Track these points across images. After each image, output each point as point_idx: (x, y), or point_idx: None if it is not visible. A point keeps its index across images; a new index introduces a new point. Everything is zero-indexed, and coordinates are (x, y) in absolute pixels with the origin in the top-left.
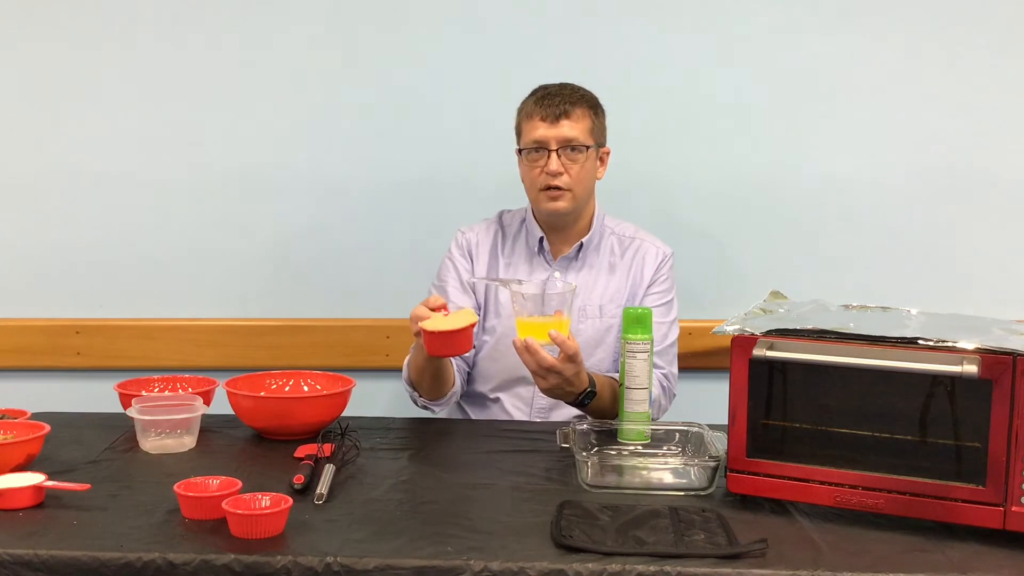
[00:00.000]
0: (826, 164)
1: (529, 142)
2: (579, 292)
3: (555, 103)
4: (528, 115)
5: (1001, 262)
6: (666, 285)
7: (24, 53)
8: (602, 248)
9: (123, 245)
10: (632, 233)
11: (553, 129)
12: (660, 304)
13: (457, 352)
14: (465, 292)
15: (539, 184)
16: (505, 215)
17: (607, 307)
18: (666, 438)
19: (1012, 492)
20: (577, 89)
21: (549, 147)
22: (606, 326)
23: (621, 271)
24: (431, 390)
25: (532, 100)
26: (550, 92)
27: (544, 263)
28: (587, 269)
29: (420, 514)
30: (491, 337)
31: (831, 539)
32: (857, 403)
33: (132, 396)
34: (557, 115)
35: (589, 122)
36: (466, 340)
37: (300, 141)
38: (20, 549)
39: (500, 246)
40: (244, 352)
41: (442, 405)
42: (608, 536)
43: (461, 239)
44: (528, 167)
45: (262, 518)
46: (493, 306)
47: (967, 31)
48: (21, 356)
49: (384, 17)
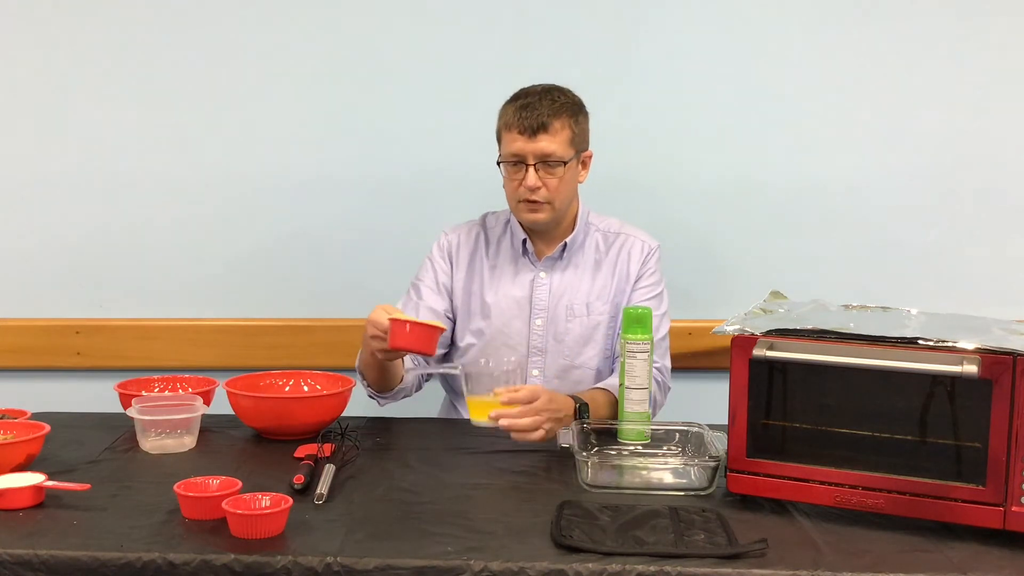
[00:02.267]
0: (826, 164)
1: (508, 155)
2: (565, 291)
3: (533, 116)
4: (507, 125)
5: (1001, 262)
6: (654, 278)
7: (24, 53)
8: (587, 246)
9: (123, 245)
10: (617, 228)
11: (531, 144)
12: (650, 298)
13: (419, 349)
14: (439, 294)
15: (518, 196)
16: (489, 217)
17: (594, 305)
18: (666, 438)
19: (1012, 492)
20: (557, 97)
21: (527, 161)
22: (594, 324)
23: (607, 267)
24: (377, 381)
25: (511, 109)
26: (529, 103)
27: (529, 264)
28: (572, 268)
29: (420, 514)
30: (479, 340)
31: (831, 539)
32: (857, 403)
33: (132, 396)
34: (535, 129)
35: (569, 132)
36: (430, 339)
37: (300, 141)
38: (20, 549)
39: (484, 250)
40: (244, 352)
41: (388, 400)
42: (608, 536)
43: (443, 241)
44: (507, 178)
45: (262, 518)
46: (479, 308)
47: (966, 31)
48: (21, 356)
49: (382, 17)
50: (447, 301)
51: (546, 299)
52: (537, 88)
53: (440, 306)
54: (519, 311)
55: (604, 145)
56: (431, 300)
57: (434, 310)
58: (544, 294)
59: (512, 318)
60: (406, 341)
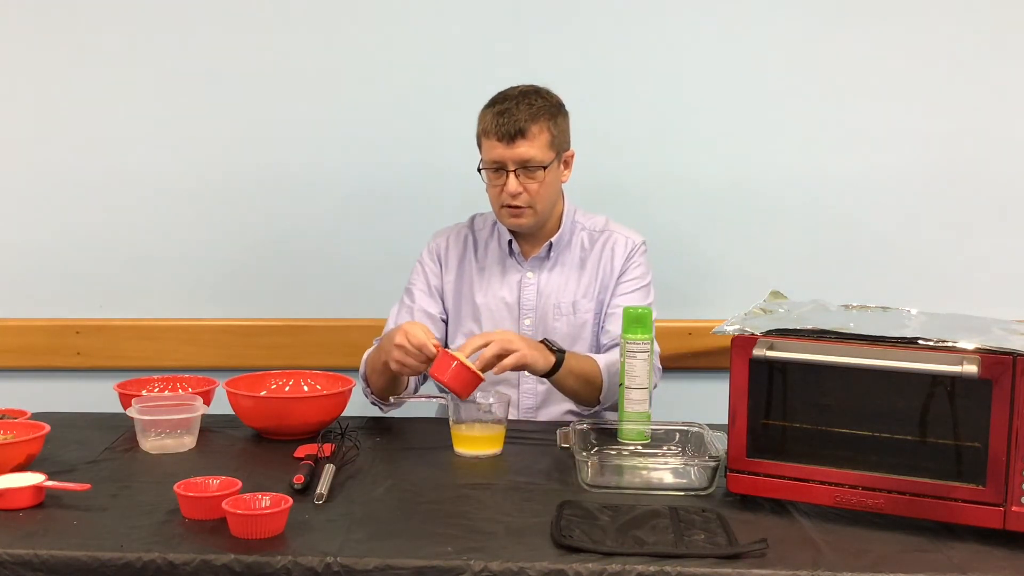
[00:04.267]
0: (825, 164)
1: (487, 162)
2: (552, 291)
3: (511, 122)
4: (485, 132)
5: (1001, 262)
6: (639, 272)
7: (23, 53)
8: (573, 244)
9: (123, 245)
10: (602, 226)
11: (510, 150)
12: (635, 290)
13: (455, 389)
14: (432, 297)
15: (500, 202)
16: (477, 219)
17: (580, 303)
18: (666, 438)
19: (1012, 492)
20: (534, 101)
21: (507, 168)
22: (580, 322)
23: (591, 265)
24: (382, 387)
25: (489, 115)
26: (507, 108)
27: (516, 265)
28: (559, 267)
29: (420, 514)
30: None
31: (831, 539)
32: (857, 403)
33: (132, 396)
34: (513, 135)
35: (548, 136)
36: (469, 384)
37: (301, 141)
38: (20, 549)
39: (473, 252)
40: (244, 352)
41: (390, 407)
42: (608, 536)
43: (433, 244)
44: (488, 184)
45: (262, 518)
46: (470, 311)
47: (965, 31)
48: (21, 356)
49: (382, 17)
50: (439, 304)
51: (534, 299)
52: (514, 92)
53: (434, 309)
54: (508, 312)
55: (602, 146)
56: (425, 303)
57: (428, 313)
58: (532, 294)
59: (502, 320)
60: (446, 376)
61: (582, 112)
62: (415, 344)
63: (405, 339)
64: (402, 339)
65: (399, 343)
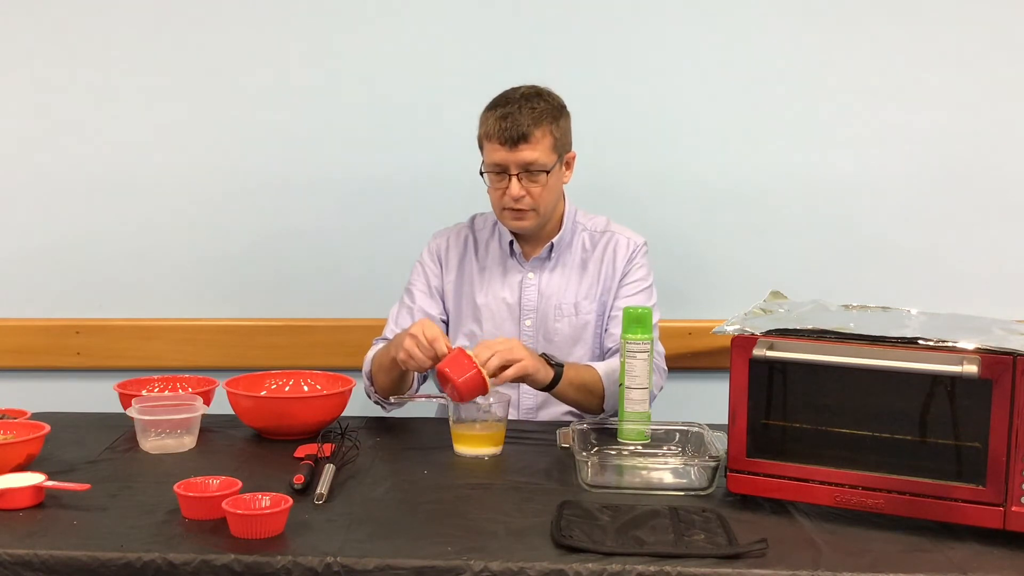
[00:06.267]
0: (825, 164)
1: (490, 165)
2: (554, 292)
3: (513, 126)
4: (487, 135)
5: (1001, 262)
6: (641, 273)
7: (23, 54)
8: (574, 245)
9: (123, 245)
10: (603, 227)
11: (512, 154)
12: (638, 292)
13: (463, 392)
14: (432, 298)
15: (502, 204)
16: (477, 219)
17: (582, 304)
18: (666, 438)
19: (1012, 492)
20: (536, 104)
21: (509, 171)
22: (582, 323)
23: (592, 267)
24: (388, 385)
25: (492, 118)
26: (509, 112)
27: (517, 265)
28: (560, 268)
29: (420, 514)
30: (471, 342)
31: (831, 539)
32: (857, 403)
33: (132, 396)
34: (515, 139)
35: (550, 139)
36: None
37: (301, 141)
38: (20, 549)
39: (473, 252)
40: (244, 352)
41: (392, 407)
42: (608, 536)
43: (433, 245)
44: (490, 187)
45: (262, 518)
46: (471, 311)
47: (965, 31)
48: (21, 356)
49: (382, 18)
50: (440, 304)
51: (535, 300)
52: (516, 94)
53: (434, 310)
54: (509, 313)
55: (602, 146)
56: (425, 304)
57: (428, 313)
58: (533, 295)
59: (503, 320)
60: (461, 377)
61: (583, 112)
62: (428, 337)
63: (420, 330)
64: (417, 330)
65: (413, 332)
